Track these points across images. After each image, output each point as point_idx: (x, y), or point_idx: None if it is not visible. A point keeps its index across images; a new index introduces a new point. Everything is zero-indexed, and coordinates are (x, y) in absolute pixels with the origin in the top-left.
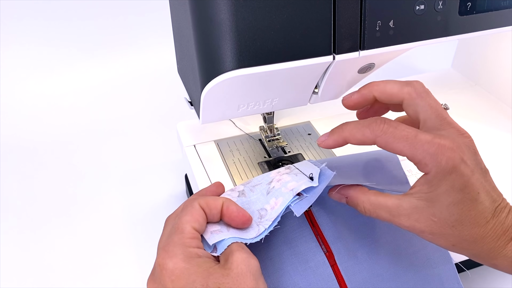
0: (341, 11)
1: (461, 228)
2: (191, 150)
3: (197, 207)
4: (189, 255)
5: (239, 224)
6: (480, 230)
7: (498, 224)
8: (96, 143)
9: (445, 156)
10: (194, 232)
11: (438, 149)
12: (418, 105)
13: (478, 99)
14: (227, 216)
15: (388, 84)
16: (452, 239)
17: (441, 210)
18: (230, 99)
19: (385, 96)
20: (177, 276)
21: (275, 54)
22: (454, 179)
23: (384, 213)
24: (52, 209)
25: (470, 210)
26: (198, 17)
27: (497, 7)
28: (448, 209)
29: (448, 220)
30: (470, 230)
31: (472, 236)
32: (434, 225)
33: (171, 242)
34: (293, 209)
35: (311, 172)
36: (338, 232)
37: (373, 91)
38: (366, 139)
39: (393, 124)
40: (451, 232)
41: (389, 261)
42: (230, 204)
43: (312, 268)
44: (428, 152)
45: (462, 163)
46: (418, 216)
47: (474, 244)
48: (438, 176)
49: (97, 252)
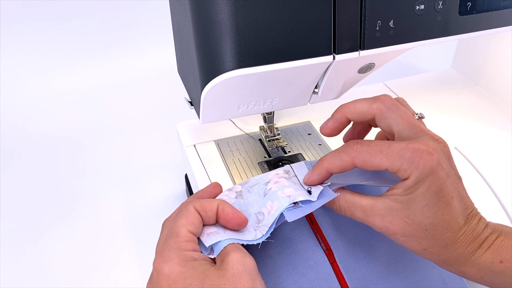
0: (341, 11)
1: (434, 232)
2: (191, 150)
3: (192, 210)
4: (184, 258)
5: (235, 226)
6: (452, 235)
7: (469, 230)
8: (96, 143)
9: (422, 159)
10: (190, 235)
11: (414, 153)
12: (389, 118)
13: (478, 99)
14: (223, 218)
15: (358, 104)
16: (424, 243)
17: (415, 212)
18: (230, 99)
19: (357, 116)
20: (173, 280)
21: (275, 54)
22: (430, 181)
23: (358, 212)
24: (52, 209)
25: (443, 214)
26: (198, 17)
27: (497, 7)
28: (423, 212)
29: (421, 223)
30: (443, 234)
31: (444, 241)
32: (407, 228)
33: (167, 246)
34: (286, 214)
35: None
36: (337, 230)
37: (345, 113)
38: (345, 163)
39: (366, 142)
40: (423, 235)
41: (388, 258)
42: (225, 206)
43: (312, 266)
44: (404, 157)
45: (439, 166)
46: (392, 217)
47: (445, 249)
48: (416, 180)
49: (97, 252)
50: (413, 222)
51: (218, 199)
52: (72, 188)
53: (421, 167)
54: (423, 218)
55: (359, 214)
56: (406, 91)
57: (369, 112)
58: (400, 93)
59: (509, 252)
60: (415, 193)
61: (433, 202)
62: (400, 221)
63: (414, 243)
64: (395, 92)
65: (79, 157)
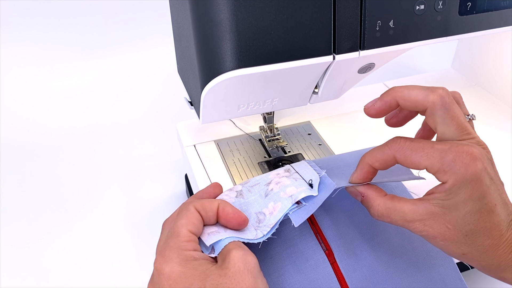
0: (341, 11)
1: (475, 239)
2: (191, 150)
3: (192, 210)
4: (185, 258)
5: (235, 225)
6: (493, 242)
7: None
8: (96, 143)
9: (463, 163)
10: (190, 235)
11: (457, 156)
12: (440, 116)
13: (478, 99)
14: (223, 217)
15: (413, 91)
16: (463, 248)
17: (457, 218)
18: (230, 99)
19: (409, 104)
20: (174, 280)
21: (275, 54)
22: (473, 187)
23: (398, 217)
24: (52, 208)
25: (486, 222)
26: (198, 17)
27: (497, 7)
28: (464, 218)
29: (462, 229)
30: (484, 241)
31: (485, 248)
32: (447, 232)
33: (167, 246)
34: (292, 218)
35: (311, 178)
36: (337, 230)
37: (396, 97)
38: (387, 156)
39: (409, 138)
40: (463, 241)
41: (388, 258)
42: (226, 205)
43: (312, 267)
44: (445, 159)
45: (483, 171)
46: (433, 222)
47: (485, 255)
48: (457, 184)
49: (97, 252)
50: (454, 227)
51: (219, 199)
52: (72, 188)
53: (462, 172)
54: (464, 224)
55: (399, 220)
56: None
57: (423, 103)
58: None
59: None
60: (457, 198)
61: (475, 209)
62: (440, 226)
63: (453, 248)
64: None
65: (79, 157)
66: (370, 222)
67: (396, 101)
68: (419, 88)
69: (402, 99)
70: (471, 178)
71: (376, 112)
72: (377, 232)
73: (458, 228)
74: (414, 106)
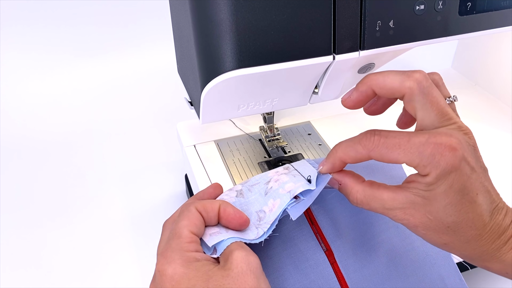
0: (341, 11)
1: (457, 229)
2: (191, 150)
3: (193, 211)
4: (187, 259)
5: (237, 226)
6: (476, 233)
7: (495, 226)
8: (96, 143)
9: (443, 156)
10: (192, 236)
11: (435, 149)
12: (418, 101)
13: (478, 99)
14: (224, 218)
15: (387, 78)
16: (445, 238)
17: (437, 209)
18: (230, 99)
19: (385, 91)
20: (177, 281)
21: (275, 54)
22: (453, 179)
23: (377, 205)
24: (52, 208)
25: (467, 212)
26: (198, 17)
27: (497, 7)
28: (445, 210)
29: (444, 221)
30: (466, 232)
31: (467, 238)
32: (429, 223)
33: (169, 247)
34: (290, 212)
35: (310, 174)
36: (337, 230)
37: (372, 86)
38: (360, 155)
39: (384, 133)
40: (445, 231)
41: (388, 259)
42: (227, 206)
43: (312, 267)
44: (424, 154)
45: (463, 161)
46: (414, 211)
47: (467, 245)
48: (437, 177)
49: (97, 252)
50: (435, 218)
51: (220, 200)
52: (71, 188)
53: (443, 165)
54: (445, 216)
55: (378, 207)
56: None
57: (400, 90)
58: None
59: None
60: (437, 190)
61: (456, 200)
62: (421, 215)
63: (434, 237)
64: None
65: (79, 157)
66: (370, 222)
67: (372, 89)
68: (395, 74)
69: (378, 87)
70: (450, 170)
71: (353, 104)
72: (377, 232)
73: (439, 219)
74: (391, 93)
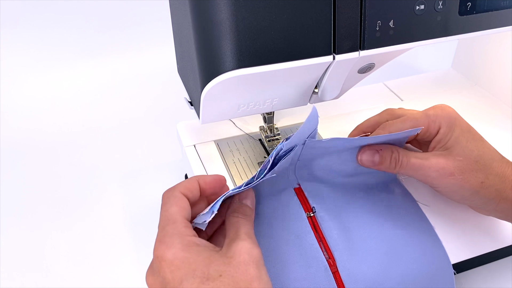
0: (341, 11)
1: (484, 162)
2: (191, 150)
3: (179, 195)
4: (187, 243)
5: (218, 188)
6: (500, 165)
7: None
8: (96, 143)
9: (443, 110)
10: (186, 221)
11: (434, 109)
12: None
13: (478, 99)
14: (207, 187)
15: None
16: (480, 176)
17: (463, 148)
18: (230, 99)
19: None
20: (177, 266)
21: (275, 54)
22: (459, 122)
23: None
24: (52, 208)
25: (484, 147)
26: (198, 17)
27: (497, 7)
28: (468, 146)
29: (471, 156)
30: (491, 164)
31: (495, 170)
32: (461, 164)
33: (166, 233)
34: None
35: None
36: (340, 238)
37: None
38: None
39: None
40: (477, 167)
41: (394, 271)
42: (204, 177)
43: (314, 274)
44: (429, 114)
45: (458, 114)
46: (445, 161)
47: (499, 179)
48: (448, 125)
49: (96, 252)
50: (464, 157)
51: (197, 176)
52: (71, 188)
53: (447, 115)
54: (470, 151)
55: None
56: (406, 91)
57: None
58: (400, 93)
59: None
60: (453, 135)
61: (471, 138)
62: (453, 161)
63: (472, 179)
64: (395, 92)
65: (79, 156)
66: (375, 234)
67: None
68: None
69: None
70: (454, 117)
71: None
72: (382, 244)
73: (468, 156)
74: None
